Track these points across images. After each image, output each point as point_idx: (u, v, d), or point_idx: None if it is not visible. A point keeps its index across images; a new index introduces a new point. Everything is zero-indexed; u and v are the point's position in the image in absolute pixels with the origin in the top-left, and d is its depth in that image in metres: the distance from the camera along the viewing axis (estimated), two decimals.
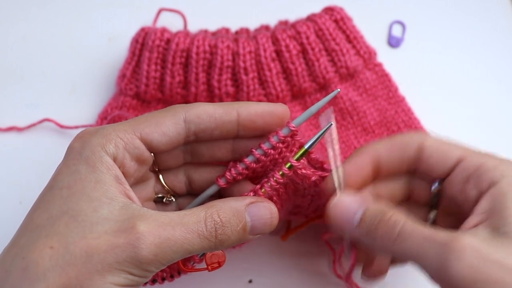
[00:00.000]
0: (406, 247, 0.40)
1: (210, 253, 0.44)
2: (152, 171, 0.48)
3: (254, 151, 0.45)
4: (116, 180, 0.40)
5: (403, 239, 0.40)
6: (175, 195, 0.50)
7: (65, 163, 0.41)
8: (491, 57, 0.71)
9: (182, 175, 0.49)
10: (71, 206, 0.38)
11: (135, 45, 0.65)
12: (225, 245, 0.42)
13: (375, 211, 0.43)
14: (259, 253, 0.59)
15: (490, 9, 0.75)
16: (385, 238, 0.41)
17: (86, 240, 0.36)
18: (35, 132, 0.66)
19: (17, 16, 0.73)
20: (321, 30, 0.65)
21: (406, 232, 0.40)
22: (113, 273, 0.36)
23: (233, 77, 0.64)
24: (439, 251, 0.38)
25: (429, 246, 0.39)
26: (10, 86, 0.69)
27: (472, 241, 0.38)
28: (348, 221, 0.44)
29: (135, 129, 0.42)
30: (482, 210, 0.41)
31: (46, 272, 0.35)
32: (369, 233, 0.42)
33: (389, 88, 0.67)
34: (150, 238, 0.37)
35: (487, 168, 0.42)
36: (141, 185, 0.47)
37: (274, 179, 0.44)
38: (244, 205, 0.42)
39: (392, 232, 0.41)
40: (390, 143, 0.47)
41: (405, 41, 0.72)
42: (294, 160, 0.44)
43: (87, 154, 0.40)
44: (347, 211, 0.44)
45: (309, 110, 0.45)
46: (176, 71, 0.64)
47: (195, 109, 0.44)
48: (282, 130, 0.45)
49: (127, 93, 0.65)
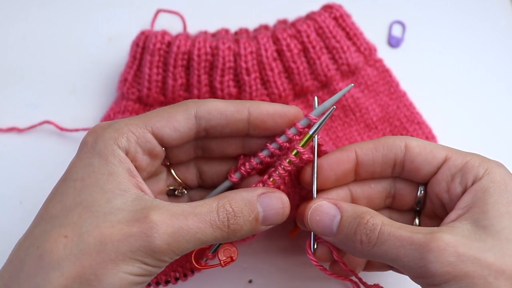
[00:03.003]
0: (385, 250, 0.40)
1: (222, 248, 0.44)
2: (163, 165, 0.48)
3: (268, 146, 0.45)
4: (129, 173, 0.41)
5: (381, 243, 0.40)
6: (187, 188, 0.50)
7: (78, 156, 0.42)
8: (491, 57, 0.72)
9: (193, 167, 0.50)
10: (85, 198, 0.38)
11: (136, 48, 0.65)
12: (238, 235, 0.42)
13: (352, 215, 0.43)
14: (259, 253, 0.59)
15: (490, 9, 0.75)
16: (364, 242, 0.41)
17: (99, 229, 0.37)
18: (35, 133, 0.66)
19: (17, 16, 0.73)
20: (321, 28, 0.65)
21: (384, 235, 0.40)
22: (127, 262, 0.37)
23: (235, 78, 0.64)
24: (417, 252, 0.38)
25: (407, 248, 0.39)
26: (10, 86, 0.69)
27: (450, 238, 0.38)
28: (326, 226, 0.44)
29: (147, 123, 0.43)
30: (464, 205, 0.42)
31: (61, 261, 0.36)
32: (348, 238, 0.43)
33: (390, 83, 0.67)
34: (163, 227, 0.37)
35: (471, 166, 0.43)
36: (153, 178, 0.47)
37: (282, 167, 0.45)
38: (256, 196, 0.43)
39: (370, 236, 0.41)
40: (374, 143, 0.47)
41: (405, 41, 0.72)
42: (299, 146, 0.45)
43: (100, 147, 0.41)
44: (325, 217, 0.44)
45: (325, 103, 0.45)
46: (178, 73, 0.64)
47: (207, 105, 0.44)
48: (300, 122, 0.45)
49: (129, 97, 0.65)
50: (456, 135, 0.66)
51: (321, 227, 0.44)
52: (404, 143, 0.46)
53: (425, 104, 0.67)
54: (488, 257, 0.37)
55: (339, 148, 0.48)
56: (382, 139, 0.47)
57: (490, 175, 0.42)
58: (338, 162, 0.47)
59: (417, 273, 0.39)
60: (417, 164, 0.45)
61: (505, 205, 0.40)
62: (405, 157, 0.46)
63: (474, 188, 0.42)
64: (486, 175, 0.42)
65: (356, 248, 0.42)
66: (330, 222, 0.44)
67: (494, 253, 0.37)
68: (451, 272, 0.37)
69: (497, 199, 0.40)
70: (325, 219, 0.44)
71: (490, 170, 0.42)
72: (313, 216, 0.45)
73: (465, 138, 0.66)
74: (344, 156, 0.47)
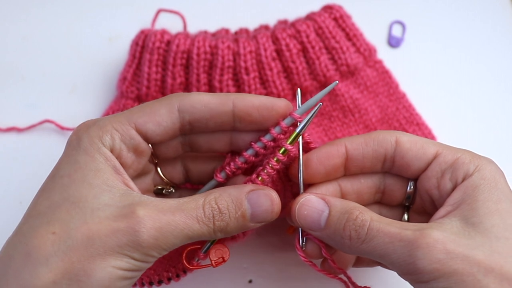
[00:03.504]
0: (374, 246, 0.40)
1: (214, 248, 0.44)
2: (151, 162, 0.48)
3: (253, 144, 0.45)
4: (115, 170, 0.41)
5: (370, 238, 0.40)
6: (175, 187, 0.50)
7: (65, 154, 0.42)
8: (491, 57, 0.72)
9: (179, 166, 0.50)
10: (72, 193, 0.38)
11: (135, 47, 0.65)
12: (225, 232, 0.42)
13: (341, 210, 0.42)
14: (259, 253, 0.59)
15: (490, 9, 0.75)
16: (353, 238, 0.41)
17: (87, 225, 0.37)
18: (35, 132, 0.66)
19: (17, 16, 0.73)
20: (321, 28, 0.65)
21: (373, 231, 0.40)
22: (115, 257, 0.37)
23: (234, 77, 0.64)
24: (406, 249, 0.38)
25: (396, 245, 0.39)
26: (10, 86, 0.69)
27: (439, 235, 0.38)
28: (314, 221, 0.44)
29: (130, 119, 0.43)
30: (453, 201, 0.41)
31: (49, 257, 0.36)
32: (337, 233, 0.42)
33: (390, 84, 0.67)
34: (150, 222, 0.38)
35: (462, 162, 0.42)
36: (141, 177, 0.47)
37: (270, 166, 0.44)
38: (244, 193, 0.42)
39: (359, 232, 0.41)
40: (365, 137, 0.46)
41: (405, 41, 0.72)
42: (287, 144, 0.44)
43: (85, 145, 0.41)
44: (313, 211, 0.44)
45: (309, 101, 0.45)
46: (177, 72, 0.64)
47: (190, 98, 0.44)
48: (285, 120, 0.44)
49: (129, 96, 0.65)
50: (456, 135, 0.66)
51: (309, 221, 0.44)
52: (394, 138, 0.45)
53: (425, 104, 0.67)
54: (477, 254, 0.37)
55: (329, 143, 0.47)
56: (373, 133, 0.46)
57: (480, 172, 0.41)
58: (328, 156, 0.46)
59: (406, 269, 0.39)
60: (408, 159, 0.45)
61: (495, 202, 0.40)
62: (395, 152, 0.45)
63: (464, 184, 0.41)
64: (477, 171, 0.41)
65: (345, 243, 0.42)
66: (318, 217, 0.43)
67: (483, 251, 0.37)
68: (440, 269, 0.37)
69: (487, 196, 0.40)
70: (313, 213, 0.44)
71: (480, 166, 0.42)
72: (300, 211, 0.44)
73: (465, 138, 0.66)
74: (334, 151, 0.46)
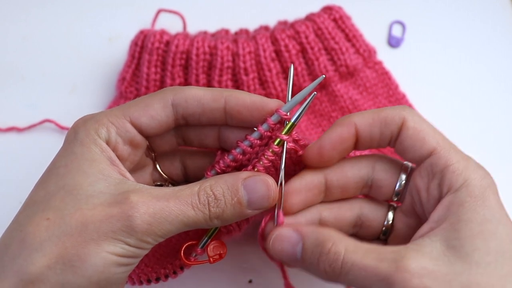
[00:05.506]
0: (351, 279, 0.39)
1: (211, 244, 0.44)
2: (148, 156, 0.48)
3: (240, 143, 0.45)
4: (111, 161, 0.41)
5: (346, 272, 0.39)
6: (173, 183, 0.50)
7: (62, 147, 0.42)
8: (491, 57, 0.71)
9: (177, 162, 0.50)
10: (67, 182, 0.39)
11: (135, 48, 0.65)
12: (222, 219, 0.41)
13: (315, 242, 0.41)
14: (259, 253, 0.59)
15: (490, 9, 0.75)
16: (329, 272, 0.40)
17: (81, 211, 0.37)
18: (35, 132, 0.66)
19: (17, 16, 0.73)
20: (320, 29, 0.65)
21: (348, 265, 0.39)
22: (109, 242, 0.37)
23: (233, 78, 0.64)
24: (383, 283, 0.37)
25: (373, 279, 0.38)
26: (10, 86, 0.69)
27: (416, 265, 0.37)
28: (290, 255, 0.43)
29: (125, 113, 0.43)
30: (436, 218, 0.40)
31: (43, 242, 0.36)
32: (312, 267, 0.41)
33: (389, 86, 0.67)
34: (144, 208, 0.38)
35: (452, 171, 0.41)
36: (139, 172, 0.48)
37: (265, 157, 0.44)
38: (240, 179, 0.42)
39: (334, 266, 0.40)
40: (372, 116, 0.44)
41: (405, 41, 0.72)
42: (282, 134, 0.44)
43: (82, 137, 0.41)
44: (287, 245, 0.43)
45: (296, 96, 0.44)
46: (176, 73, 0.64)
47: (184, 92, 0.44)
48: (272, 117, 0.44)
49: (127, 96, 0.65)
50: (456, 135, 0.66)
51: (285, 256, 0.43)
52: (402, 119, 0.43)
53: (425, 104, 0.67)
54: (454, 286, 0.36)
55: (337, 124, 0.45)
56: (383, 111, 0.44)
57: (468, 188, 0.40)
58: (341, 140, 0.44)
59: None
60: (405, 147, 0.44)
61: (479, 223, 0.38)
62: (398, 135, 0.44)
63: (449, 200, 0.40)
64: (464, 187, 0.40)
65: (323, 276, 0.41)
66: (293, 250, 0.42)
67: (462, 282, 0.36)
68: None
69: (471, 216, 0.39)
70: (287, 248, 0.42)
71: (469, 182, 0.40)
72: (274, 246, 0.43)
73: (465, 138, 0.66)
74: (345, 132, 0.44)
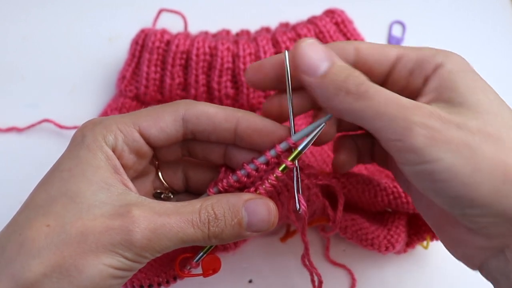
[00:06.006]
0: (369, 106, 0.39)
1: (206, 259, 0.44)
2: (151, 164, 0.48)
3: (246, 166, 0.44)
4: (115, 170, 0.41)
5: (367, 97, 0.39)
6: (174, 192, 0.50)
7: (68, 149, 0.42)
8: (491, 57, 0.71)
9: (180, 172, 0.50)
10: (70, 188, 0.38)
11: (135, 46, 0.65)
12: (220, 238, 0.41)
13: (343, 65, 0.41)
14: (259, 253, 0.59)
15: (490, 9, 0.75)
16: (351, 92, 0.39)
17: (82, 221, 0.37)
18: (35, 132, 0.66)
19: (17, 16, 0.73)
20: (322, 32, 0.65)
21: (371, 90, 0.39)
22: (107, 255, 0.37)
23: (233, 79, 0.64)
24: (401, 112, 0.37)
25: (392, 108, 0.38)
26: (10, 86, 0.69)
27: (434, 108, 0.38)
28: (313, 66, 0.41)
29: (135, 122, 0.43)
30: (431, 89, 0.40)
31: (41, 250, 0.36)
32: (334, 85, 0.40)
33: None
34: (145, 223, 0.38)
35: (428, 55, 0.41)
36: (140, 179, 0.47)
37: (268, 182, 0.43)
38: (242, 201, 0.42)
39: (359, 87, 0.39)
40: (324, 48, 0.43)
41: (405, 41, 0.72)
42: (288, 160, 0.43)
43: (89, 142, 0.41)
44: (315, 56, 0.41)
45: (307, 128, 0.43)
46: (176, 72, 0.64)
47: (196, 108, 0.44)
48: (281, 145, 0.43)
49: (127, 94, 0.65)
50: None
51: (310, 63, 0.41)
52: (353, 46, 0.43)
53: None
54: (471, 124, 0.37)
55: None
56: (334, 43, 0.44)
57: (450, 59, 0.41)
58: None
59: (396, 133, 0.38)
60: (370, 65, 0.43)
61: (473, 80, 0.40)
62: (356, 60, 0.43)
63: (439, 72, 0.41)
64: (447, 60, 0.41)
65: (338, 98, 0.40)
66: (319, 62, 0.41)
67: (477, 122, 0.37)
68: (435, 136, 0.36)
69: (463, 76, 0.40)
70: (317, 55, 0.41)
71: (448, 55, 0.41)
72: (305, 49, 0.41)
73: None
74: None
